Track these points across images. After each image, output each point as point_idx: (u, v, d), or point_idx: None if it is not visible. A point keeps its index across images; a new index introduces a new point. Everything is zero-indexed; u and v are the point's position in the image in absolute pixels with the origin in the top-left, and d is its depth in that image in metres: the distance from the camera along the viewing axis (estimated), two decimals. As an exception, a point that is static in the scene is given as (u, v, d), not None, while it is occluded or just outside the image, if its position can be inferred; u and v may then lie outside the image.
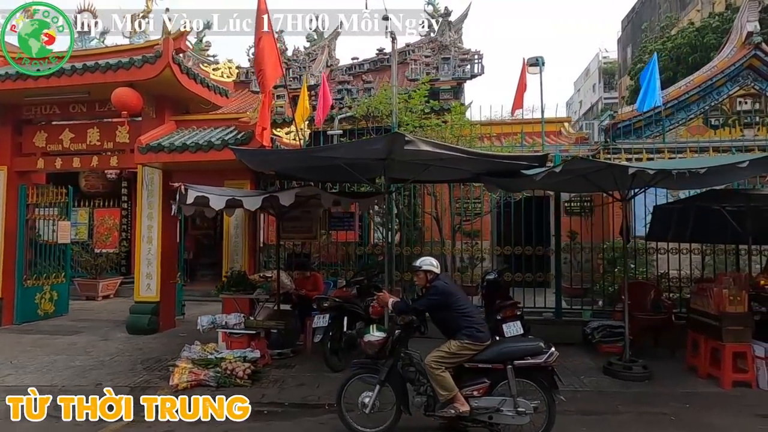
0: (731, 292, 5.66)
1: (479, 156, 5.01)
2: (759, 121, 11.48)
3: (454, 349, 4.14)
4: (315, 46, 17.52)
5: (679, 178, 5.06)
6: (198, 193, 5.97)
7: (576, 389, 5.66)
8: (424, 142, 4.27)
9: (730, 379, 5.64)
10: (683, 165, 5.23)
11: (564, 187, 7.13)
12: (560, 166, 4.99)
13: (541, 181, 6.43)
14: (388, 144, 4.28)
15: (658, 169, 4.91)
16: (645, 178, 5.32)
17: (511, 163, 5.31)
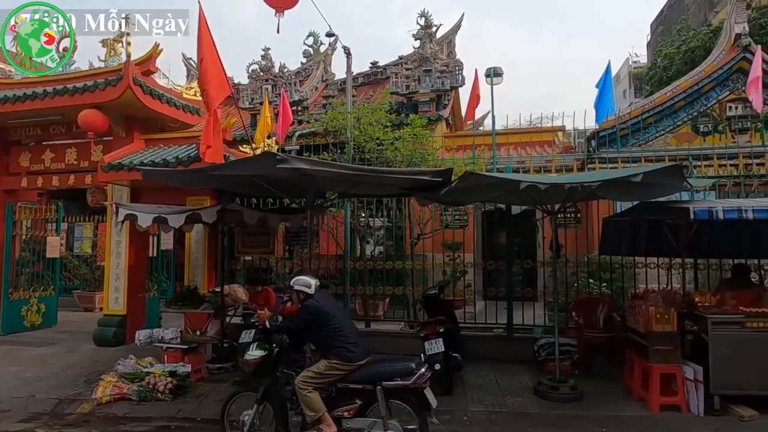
0: (658, 309, 5.39)
1: (373, 172, 4.96)
2: (751, 126, 10.92)
3: (322, 368, 4.11)
4: (311, 62, 17.81)
5: (585, 191, 4.87)
6: (127, 211, 6.19)
7: (494, 410, 5.50)
8: (300, 160, 4.28)
9: (658, 402, 5.35)
10: (580, 179, 5.04)
11: (501, 199, 6.96)
12: (455, 182, 4.89)
13: (474, 195, 6.38)
14: (259, 163, 4.32)
15: (549, 183, 4.74)
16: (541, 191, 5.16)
17: (410, 178, 5.25)
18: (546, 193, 5.89)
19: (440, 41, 16.62)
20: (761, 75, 7.24)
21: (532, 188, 5.59)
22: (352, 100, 9.17)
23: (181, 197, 8.44)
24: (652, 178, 4.43)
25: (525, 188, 5.34)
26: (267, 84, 13.70)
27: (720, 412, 5.19)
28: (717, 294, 5.60)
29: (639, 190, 5.48)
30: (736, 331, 5.19)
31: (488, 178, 4.92)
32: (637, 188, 5.34)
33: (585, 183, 4.68)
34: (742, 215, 4.69)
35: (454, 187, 4.86)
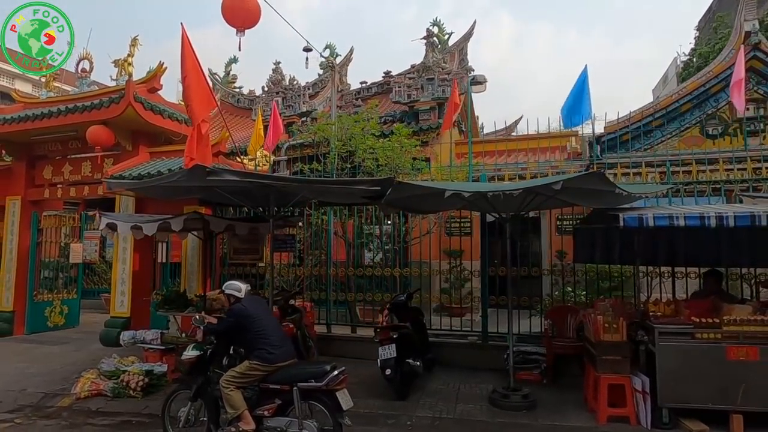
0: (607, 319, 5.29)
1: (308, 183, 5.17)
2: (764, 128, 10.38)
3: (243, 369, 4.34)
4: (327, 73, 18.26)
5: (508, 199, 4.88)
6: (108, 220, 6.68)
7: (440, 416, 5.56)
8: (230, 172, 4.55)
9: (606, 413, 5.24)
10: (504, 187, 5.04)
11: (460, 207, 6.97)
12: (389, 192, 5.01)
13: (427, 204, 6.46)
14: (192, 174, 4.62)
15: (472, 191, 4.78)
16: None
17: (348, 187, 5.41)
18: (506, 201, 5.95)
19: (451, 49, 16.72)
20: (744, 77, 6.92)
21: (494, 196, 5.69)
22: (336, 113, 9.41)
23: (180, 207, 8.94)
24: (574, 184, 4.41)
25: (474, 196, 5.42)
26: (277, 96, 14.19)
27: (669, 426, 5.03)
28: (671, 303, 5.43)
29: (606, 197, 5.41)
30: (685, 341, 5.03)
31: (416, 188, 5.01)
32: (605, 196, 5.29)
33: (506, 191, 4.70)
34: (673, 222, 4.57)
35: (389, 197, 4.98)
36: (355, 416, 5.56)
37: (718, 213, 4.47)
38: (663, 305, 5.37)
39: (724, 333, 4.95)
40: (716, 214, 4.47)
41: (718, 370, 4.91)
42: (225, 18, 6.00)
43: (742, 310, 5.12)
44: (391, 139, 8.95)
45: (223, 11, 5.99)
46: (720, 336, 4.95)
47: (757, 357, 4.86)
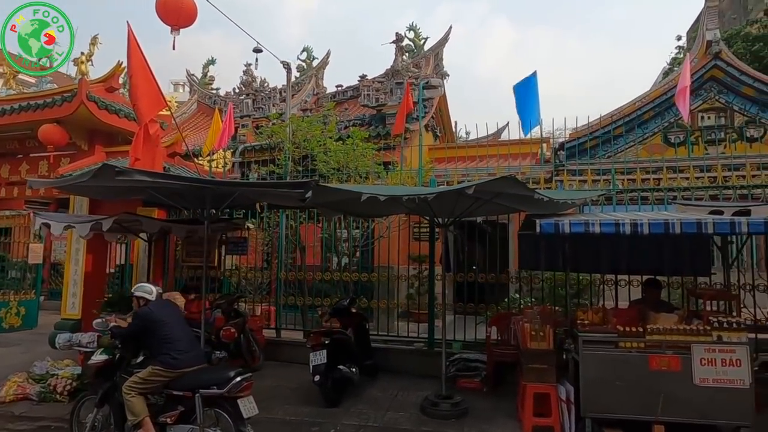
0: (533, 326, 5.22)
1: (225, 185, 5.08)
2: (724, 137, 10.39)
3: (145, 374, 4.23)
4: (304, 76, 18.22)
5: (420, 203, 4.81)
6: (42, 220, 6.54)
7: (365, 425, 5.46)
8: (140, 173, 4.45)
9: (531, 422, 5.16)
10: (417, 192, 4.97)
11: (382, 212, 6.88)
12: (311, 195, 4.90)
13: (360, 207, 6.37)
14: (97, 175, 4.52)
15: (388, 195, 4.69)
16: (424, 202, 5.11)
17: (268, 190, 5.33)
18: (443, 206, 5.89)
19: (427, 54, 16.72)
20: (689, 85, 6.90)
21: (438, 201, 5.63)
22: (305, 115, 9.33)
23: (133, 206, 8.82)
24: (487, 187, 4.36)
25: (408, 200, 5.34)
26: (248, 98, 14.10)
27: (592, 436, 4.95)
28: (599, 311, 5.36)
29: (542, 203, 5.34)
30: (609, 350, 4.95)
31: (334, 191, 4.93)
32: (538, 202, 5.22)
33: (421, 195, 4.63)
34: (588, 229, 4.50)
35: (312, 199, 4.90)
36: (280, 423, 5.53)
37: (633, 221, 4.41)
38: (591, 313, 5.30)
39: (647, 342, 4.88)
40: (631, 221, 4.40)
41: (641, 380, 4.83)
42: (159, 16, 5.91)
43: (667, 319, 5.07)
44: (347, 143, 8.86)
45: (157, 9, 5.90)
46: (643, 345, 4.88)
47: (679, 367, 4.79)
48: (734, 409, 4.69)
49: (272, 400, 6.19)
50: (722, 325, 4.77)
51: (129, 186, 5.89)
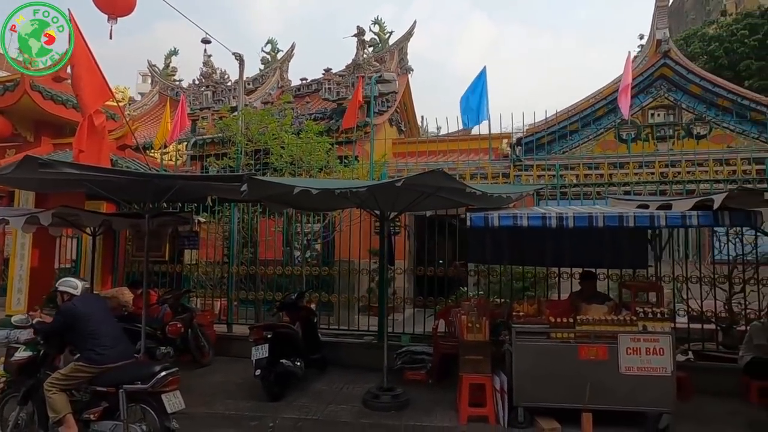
0: (470, 318, 5.30)
1: (170, 178, 5.01)
2: (673, 133, 10.71)
3: (68, 370, 4.15)
4: (268, 68, 18.00)
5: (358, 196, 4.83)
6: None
7: (304, 418, 5.45)
8: (67, 165, 4.34)
9: (467, 413, 5.24)
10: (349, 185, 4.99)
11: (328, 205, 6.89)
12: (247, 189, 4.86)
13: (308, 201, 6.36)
14: (20, 167, 4.39)
15: (321, 188, 4.69)
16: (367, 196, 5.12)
17: (204, 183, 5.28)
18: (387, 199, 5.91)
19: (391, 48, 16.71)
20: (630, 83, 7.06)
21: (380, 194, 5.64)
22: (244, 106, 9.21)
23: (81, 201, 8.59)
24: (416, 181, 4.41)
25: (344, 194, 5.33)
26: (207, 90, 13.87)
27: (524, 425, 5.06)
28: (534, 303, 5.48)
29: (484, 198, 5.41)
30: (541, 341, 5.07)
31: (268, 184, 4.90)
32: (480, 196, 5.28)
33: (353, 189, 4.65)
34: (516, 222, 4.59)
35: (249, 193, 4.86)
36: (221, 418, 5.50)
37: (559, 214, 4.51)
38: (526, 305, 5.41)
39: (577, 333, 5.02)
40: (557, 215, 4.51)
41: (571, 370, 4.97)
42: (95, 4, 5.75)
43: (597, 310, 5.21)
44: (301, 137, 8.80)
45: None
46: (573, 336, 5.02)
47: (607, 356, 4.94)
48: (657, 396, 4.87)
49: (216, 395, 6.14)
50: (647, 316, 4.93)
51: (66, 179, 5.75)
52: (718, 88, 10.39)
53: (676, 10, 37.20)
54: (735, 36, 20.18)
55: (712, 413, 5.52)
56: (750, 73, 19.51)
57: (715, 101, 10.32)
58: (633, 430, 4.94)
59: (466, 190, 4.61)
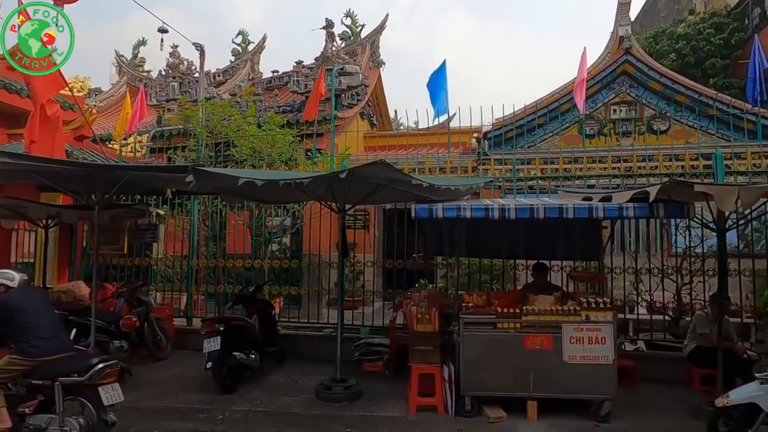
0: (420, 309, 5.35)
1: (115, 169, 4.93)
2: (634, 129, 10.92)
3: (2, 363, 4.06)
4: (239, 60, 17.78)
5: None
6: None
7: (255, 410, 5.44)
8: (2, 154, 4.24)
9: (416, 402, 5.31)
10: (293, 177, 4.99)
11: (283, 197, 6.86)
12: (191, 181, 4.80)
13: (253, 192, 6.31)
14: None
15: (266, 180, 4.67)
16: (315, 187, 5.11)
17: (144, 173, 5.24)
18: (341, 191, 5.89)
19: (363, 41, 16.66)
20: (585, 78, 7.18)
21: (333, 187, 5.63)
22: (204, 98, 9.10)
23: (35, 194, 8.38)
24: (359, 172, 4.44)
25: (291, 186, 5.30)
26: (174, 82, 13.64)
27: (472, 413, 5.14)
28: (483, 294, 5.55)
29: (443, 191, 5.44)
30: (487, 331, 5.15)
31: (213, 175, 4.86)
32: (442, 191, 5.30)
33: (297, 180, 4.64)
34: (460, 213, 4.65)
35: (196, 184, 4.81)
36: (170, 412, 5.45)
37: (501, 206, 4.58)
38: (476, 296, 5.49)
39: (522, 323, 5.10)
40: (499, 206, 4.57)
41: (516, 359, 5.06)
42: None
43: (544, 300, 5.31)
44: (263, 129, 8.73)
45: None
46: (519, 326, 5.10)
47: (551, 346, 5.04)
48: (599, 384, 4.99)
49: (169, 389, 6.09)
50: (590, 306, 5.04)
51: (12, 170, 5.60)
52: (677, 84, 10.63)
53: (649, 8, 37.82)
54: (702, 35, 20.58)
55: (654, 400, 5.69)
56: (715, 71, 19.93)
57: (674, 98, 10.55)
58: (577, 417, 5.06)
59: (412, 182, 4.64)
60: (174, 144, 9.96)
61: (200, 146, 8.40)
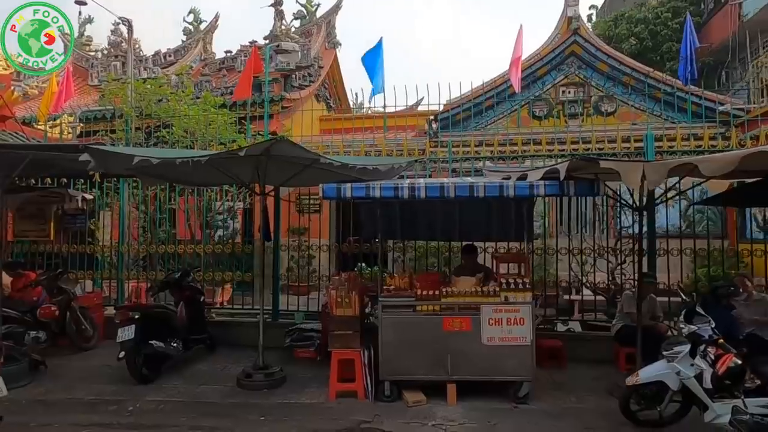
0: (340, 293, 5.19)
1: None
2: (582, 111, 10.91)
3: None
4: (191, 39, 17.15)
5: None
6: None
7: (169, 400, 5.25)
8: None
9: (336, 388, 5.18)
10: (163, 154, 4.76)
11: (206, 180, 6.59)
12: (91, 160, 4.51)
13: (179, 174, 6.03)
14: None
15: (160, 158, 4.41)
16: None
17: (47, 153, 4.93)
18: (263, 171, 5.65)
19: (318, 21, 16.24)
20: (520, 56, 7.05)
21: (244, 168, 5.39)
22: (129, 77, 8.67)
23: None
24: (255, 151, 4.22)
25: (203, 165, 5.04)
26: (116, 61, 13.03)
27: (392, 398, 5.04)
28: (405, 277, 5.42)
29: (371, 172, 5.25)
30: (407, 314, 5.03)
31: (109, 154, 4.57)
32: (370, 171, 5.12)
33: (194, 158, 4.40)
34: (369, 193, 4.48)
35: (93, 164, 4.51)
36: (77, 404, 5.20)
37: (411, 185, 4.43)
38: (398, 278, 5.35)
39: (441, 305, 5.00)
40: (409, 186, 4.42)
41: (435, 342, 4.96)
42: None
43: (465, 282, 5.21)
44: (199, 109, 8.37)
45: None
46: (438, 308, 5.00)
47: (470, 327, 4.95)
48: (517, 365, 4.94)
49: (84, 380, 5.83)
50: (509, 287, 4.96)
51: None
52: (624, 66, 10.63)
53: (615, -9, 38.00)
54: (659, 18, 20.77)
55: (579, 380, 5.70)
56: (672, 56, 20.16)
57: (621, 79, 10.56)
58: (497, 399, 5.01)
59: (321, 160, 4.44)
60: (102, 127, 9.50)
61: (128, 127, 8.01)
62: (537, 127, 10.21)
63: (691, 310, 4.20)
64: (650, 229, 6.40)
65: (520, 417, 4.74)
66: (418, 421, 4.67)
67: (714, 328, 3.98)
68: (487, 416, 4.74)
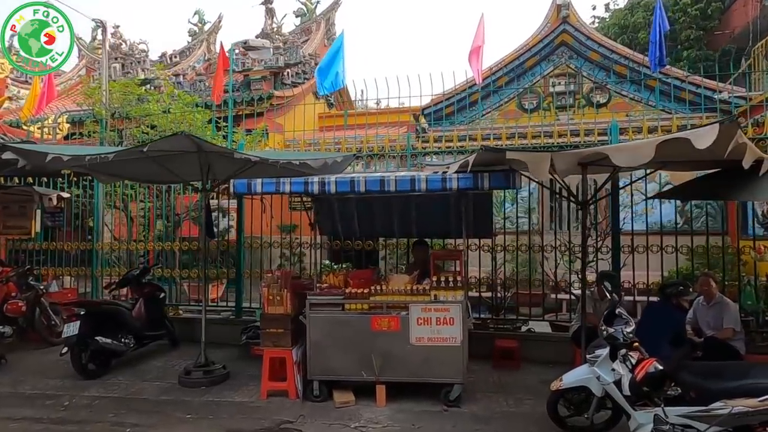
0: (272, 291, 5.11)
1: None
2: (573, 102, 10.49)
3: None
4: (195, 40, 17.43)
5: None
6: None
7: (105, 396, 5.28)
8: None
9: (267, 387, 5.10)
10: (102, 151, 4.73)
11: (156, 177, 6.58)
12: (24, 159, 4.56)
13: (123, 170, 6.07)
14: None
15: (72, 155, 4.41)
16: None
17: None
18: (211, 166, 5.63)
19: (318, 18, 16.24)
20: (482, 45, 6.79)
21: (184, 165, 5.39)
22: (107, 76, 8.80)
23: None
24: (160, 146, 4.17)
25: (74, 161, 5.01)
26: (116, 63, 13.35)
27: (321, 398, 4.93)
28: (339, 274, 5.29)
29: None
30: (335, 313, 4.91)
31: (29, 152, 4.60)
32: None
33: (102, 155, 4.37)
34: (279, 189, 4.37)
35: (26, 163, 4.57)
36: (19, 398, 5.33)
37: (322, 179, 4.30)
38: (333, 276, 5.22)
39: (371, 304, 4.85)
40: (319, 180, 4.29)
41: (363, 342, 4.82)
42: None
43: (399, 279, 5.05)
44: (174, 107, 8.46)
45: None
46: (367, 307, 4.85)
47: (399, 327, 4.79)
48: (447, 367, 4.75)
49: (35, 375, 5.95)
50: (440, 285, 4.77)
51: None
52: (615, 54, 10.14)
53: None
54: (678, 5, 19.83)
55: (524, 382, 5.46)
56: (690, 44, 19.27)
57: (614, 68, 10.09)
58: (428, 401, 4.83)
59: (234, 155, 4.37)
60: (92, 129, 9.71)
61: (103, 128, 8.15)
62: (524, 122, 9.89)
63: (612, 312, 3.92)
64: (614, 225, 6.07)
65: (446, 420, 4.55)
66: (342, 423, 4.54)
67: (630, 332, 3.70)
68: (413, 419, 4.57)
